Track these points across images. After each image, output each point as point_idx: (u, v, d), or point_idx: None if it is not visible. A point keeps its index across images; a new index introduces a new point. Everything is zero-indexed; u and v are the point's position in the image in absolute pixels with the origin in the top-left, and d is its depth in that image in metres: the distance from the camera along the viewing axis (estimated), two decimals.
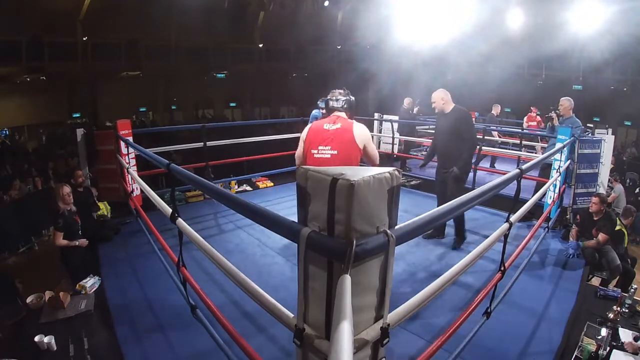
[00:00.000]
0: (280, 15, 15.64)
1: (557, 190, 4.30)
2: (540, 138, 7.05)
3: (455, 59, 11.71)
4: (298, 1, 15.26)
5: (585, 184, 4.41)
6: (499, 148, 7.48)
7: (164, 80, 15.96)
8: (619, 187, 6.47)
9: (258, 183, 5.99)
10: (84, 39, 12.93)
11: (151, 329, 2.51)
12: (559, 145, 4.07)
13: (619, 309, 2.59)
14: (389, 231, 1.10)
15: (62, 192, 3.49)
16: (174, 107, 17.40)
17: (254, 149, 6.51)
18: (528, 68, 15.28)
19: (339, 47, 17.78)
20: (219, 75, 16.57)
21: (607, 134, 6.56)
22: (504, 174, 2.28)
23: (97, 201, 4.49)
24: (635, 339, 2.37)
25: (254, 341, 2.07)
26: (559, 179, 4.15)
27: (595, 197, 3.81)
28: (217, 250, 1.77)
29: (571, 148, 4.28)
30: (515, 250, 2.60)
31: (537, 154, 7.09)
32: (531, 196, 3.04)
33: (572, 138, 4.19)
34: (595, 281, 3.68)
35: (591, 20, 10.29)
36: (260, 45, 17.02)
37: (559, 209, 4.46)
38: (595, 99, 12.33)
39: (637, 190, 8.68)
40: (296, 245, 1.13)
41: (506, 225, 2.12)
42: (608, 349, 2.26)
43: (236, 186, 5.73)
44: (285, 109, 19.57)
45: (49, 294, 2.74)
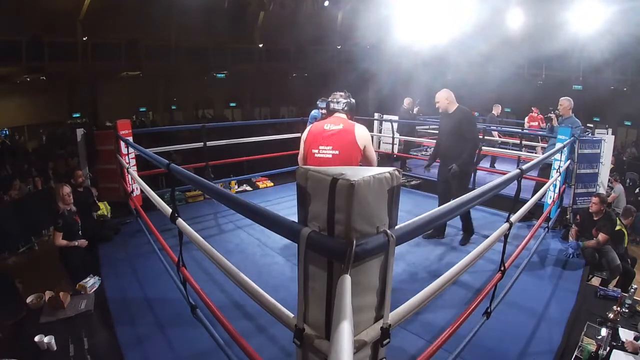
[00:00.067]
0: (280, 15, 15.65)
1: (557, 190, 4.30)
2: (540, 138, 7.06)
3: (455, 59, 11.69)
4: (298, 1, 15.26)
5: (585, 184, 4.41)
6: (499, 148, 7.49)
7: (164, 80, 15.96)
8: (619, 187, 6.47)
9: (258, 183, 5.99)
10: (84, 39, 12.94)
11: (151, 329, 2.51)
12: (559, 145, 4.07)
13: (619, 309, 2.59)
14: (389, 231, 1.10)
15: (62, 192, 3.49)
16: (174, 107, 17.39)
17: (254, 149, 6.51)
18: (528, 68, 15.27)
19: (339, 47, 17.78)
20: (219, 75, 16.56)
21: (607, 134, 6.55)
22: (504, 174, 2.28)
23: (97, 201, 4.49)
24: (636, 339, 2.37)
25: (254, 341, 2.07)
26: (559, 179, 4.15)
27: (595, 197, 3.82)
28: (217, 250, 1.77)
29: (571, 148, 4.28)
30: (515, 250, 2.60)
31: (537, 154, 7.10)
32: (531, 196, 3.05)
33: (572, 138, 4.19)
34: (595, 281, 3.68)
35: (591, 20, 10.29)
36: (260, 45, 17.02)
37: (559, 209, 4.46)
38: (595, 99, 12.34)
39: (637, 190, 8.67)
40: (296, 245, 1.13)
41: (506, 225, 2.12)
42: (608, 349, 2.26)
43: (236, 186, 5.73)
44: (285, 109, 19.57)
45: (49, 294, 2.74)
